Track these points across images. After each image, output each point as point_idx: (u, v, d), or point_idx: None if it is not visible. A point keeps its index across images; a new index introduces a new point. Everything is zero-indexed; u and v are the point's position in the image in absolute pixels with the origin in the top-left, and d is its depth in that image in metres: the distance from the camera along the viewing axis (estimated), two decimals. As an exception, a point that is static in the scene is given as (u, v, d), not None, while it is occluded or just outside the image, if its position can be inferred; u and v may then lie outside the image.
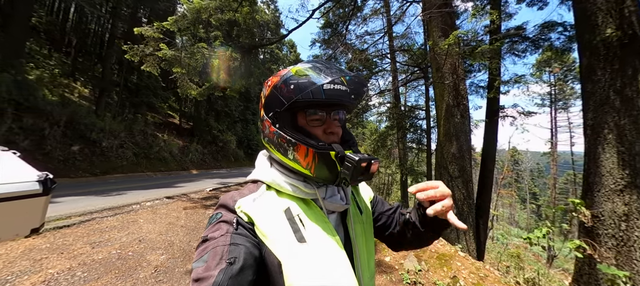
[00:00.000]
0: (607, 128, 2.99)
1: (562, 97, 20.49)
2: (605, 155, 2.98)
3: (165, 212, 5.47)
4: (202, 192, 8.11)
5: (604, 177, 2.99)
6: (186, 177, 12.29)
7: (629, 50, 3.02)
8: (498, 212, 22.86)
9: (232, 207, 0.57)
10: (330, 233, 0.57)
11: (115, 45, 14.50)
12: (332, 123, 0.60)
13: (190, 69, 6.04)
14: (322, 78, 0.54)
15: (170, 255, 3.43)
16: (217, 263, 0.46)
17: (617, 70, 3.03)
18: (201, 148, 20.03)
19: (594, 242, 2.93)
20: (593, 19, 3.23)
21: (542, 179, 41.61)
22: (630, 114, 2.92)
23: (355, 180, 0.54)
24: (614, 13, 3.12)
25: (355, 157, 0.53)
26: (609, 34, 3.08)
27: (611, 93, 2.99)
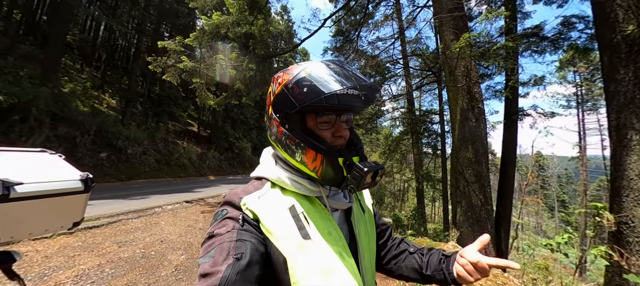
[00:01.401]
0: (633, 129, 2.84)
1: (590, 98, 19.32)
2: (631, 157, 2.82)
3: (184, 215, 5.72)
4: (219, 196, 8.37)
5: (632, 180, 2.82)
6: (204, 183, 12.73)
7: (655, 47, 2.87)
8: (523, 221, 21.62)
9: (237, 204, 0.57)
10: (335, 231, 0.57)
11: (140, 59, 15.50)
12: (341, 127, 0.60)
13: (208, 79, 6.35)
14: (337, 85, 0.53)
15: (189, 255, 3.59)
16: (225, 259, 0.46)
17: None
18: (218, 155, 20.68)
19: (624, 250, 2.75)
20: (613, 16, 3.10)
21: (571, 186, 39.01)
22: (659, 114, 2.76)
23: (361, 187, 0.54)
24: (636, 9, 2.99)
25: (364, 168, 0.53)
26: (631, 30, 2.95)
27: (636, 92, 2.85)
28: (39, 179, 1.08)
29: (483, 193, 3.98)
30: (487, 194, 4.24)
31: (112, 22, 15.59)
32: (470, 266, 0.61)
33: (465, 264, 0.62)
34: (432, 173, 11.98)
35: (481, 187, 4.08)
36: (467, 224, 4.28)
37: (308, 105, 0.55)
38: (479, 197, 4.21)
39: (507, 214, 6.49)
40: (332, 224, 0.58)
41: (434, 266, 0.69)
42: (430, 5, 6.76)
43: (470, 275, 0.61)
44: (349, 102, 0.54)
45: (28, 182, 1.02)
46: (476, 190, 4.11)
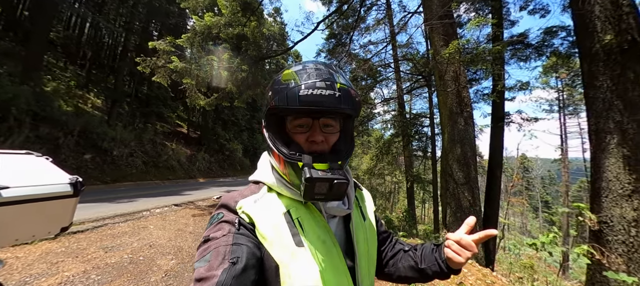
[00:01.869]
0: (611, 132, 2.99)
1: (571, 102, 20.18)
2: (610, 160, 2.98)
3: (174, 218, 5.59)
4: (209, 199, 8.23)
5: (611, 182, 2.97)
6: (193, 185, 12.48)
7: (629, 55, 3.04)
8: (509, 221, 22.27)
9: (233, 207, 0.56)
10: (330, 238, 0.56)
11: (127, 58, 15.11)
12: (316, 132, 0.56)
13: (199, 80, 6.26)
14: (302, 83, 0.52)
15: (179, 260, 3.51)
16: (220, 263, 0.45)
17: (618, 75, 3.05)
18: (208, 157, 20.34)
19: (604, 248, 2.89)
20: (592, 27, 3.27)
21: (554, 187, 40.52)
22: (634, 118, 2.92)
23: (310, 197, 0.50)
24: (613, 19, 3.17)
25: (308, 174, 0.49)
26: (608, 40, 3.12)
27: (614, 98, 3.01)
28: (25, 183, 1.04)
29: (472, 195, 4.08)
30: (475, 195, 4.36)
31: (99, 19, 15.14)
32: (455, 245, 0.62)
33: (451, 244, 0.63)
34: (423, 175, 12.17)
35: (470, 188, 4.19)
36: (456, 225, 4.38)
37: (275, 107, 0.55)
38: (468, 198, 4.32)
39: (494, 215, 6.68)
40: (327, 232, 0.56)
41: (428, 257, 0.68)
42: (421, 12, 6.93)
43: (458, 253, 0.61)
44: (317, 102, 0.51)
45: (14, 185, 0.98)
46: (465, 191, 4.22)
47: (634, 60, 3.04)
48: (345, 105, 0.54)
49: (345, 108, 0.54)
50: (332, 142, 0.59)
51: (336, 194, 0.51)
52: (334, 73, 0.56)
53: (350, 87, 0.56)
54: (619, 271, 2.66)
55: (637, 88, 3.01)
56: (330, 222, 0.61)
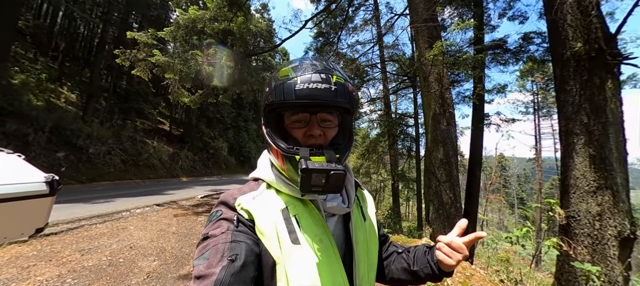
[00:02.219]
0: (579, 134, 3.22)
1: (545, 105, 21.40)
2: (578, 159, 3.20)
3: (155, 219, 5.40)
4: (193, 199, 8.02)
5: (578, 179, 3.20)
6: (176, 185, 12.10)
7: (596, 63, 3.28)
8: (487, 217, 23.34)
9: (232, 205, 0.56)
10: (327, 237, 0.55)
11: (104, 50, 14.35)
12: (313, 126, 0.56)
13: (183, 76, 6.07)
14: (298, 78, 0.52)
15: (162, 261, 3.41)
16: (219, 261, 0.45)
17: (586, 80, 3.28)
18: (192, 155, 19.77)
19: (571, 241, 3.11)
20: (564, 34, 3.50)
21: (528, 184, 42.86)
22: (600, 121, 3.16)
23: (307, 189, 0.49)
24: (582, 29, 3.40)
25: (304, 165, 0.48)
26: (578, 48, 3.35)
27: (582, 101, 3.24)
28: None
29: (453, 192, 4.25)
30: (456, 193, 4.54)
31: (73, 8, 14.26)
32: (446, 248, 0.62)
33: (442, 247, 0.63)
34: (407, 174, 12.49)
35: (451, 186, 4.36)
36: (438, 221, 4.55)
37: (272, 103, 0.55)
38: (449, 195, 4.49)
39: (474, 211, 6.98)
40: (324, 230, 0.56)
41: (420, 260, 0.68)
42: (407, 14, 7.09)
43: (449, 256, 0.61)
44: (313, 96, 0.51)
45: (-17, 185, 0.93)
46: (447, 189, 4.39)
47: (600, 68, 3.28)
48: (341, 98, 0.54)
49: (342, 102, 0.54)
50: (330, 137, 0.59)
51: (334, 186, 0.49)
52: (330, 67, 0.56)
53: (346, 81, 0.56)
54: (585, 262, 2.87)
55: (602, 93, 3.25)
56: (329, 221, 0.60)
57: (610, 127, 3.17)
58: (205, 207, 6.92)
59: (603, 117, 3.18)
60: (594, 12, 3.35)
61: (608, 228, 3.02)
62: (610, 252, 3.01)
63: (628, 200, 3.28)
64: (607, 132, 3.14)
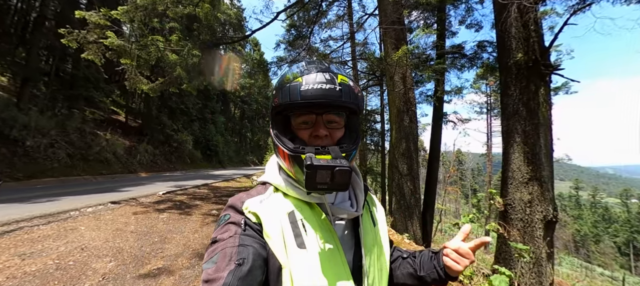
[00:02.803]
0: (516, 133, 3.71)
1: (496, 106, 23.81)
2: (514, 154, 3.69)
3: (111, 217, 4.99)
4: (154, 195, 7.52)
5: (514, 172, 3.71)
6: (134, 181, 11.17)
7: (532, 71, 3.79)
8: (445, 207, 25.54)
9: (240, 208, 0.56)
10: (334, 241, 0.55)
11: (44, 28, 12.50)
12: (319, 127, 0.56)
13: (142, 62, 5.60)
14: (303, 79, 0.53)
15: (119, 261, 3.20)
16: (227, 264, 0.46)
17: (524, 87, 3.79)
18: (152, 149, 18.35)
19: (508, 225, 3.61)
20: (509, 45, 3.97)
21: (481, 177, 47.68)
22: (533, 122, 3.68)
23: (312, 186, 0.48)
24: (523, 41, 3.88)
25: (308, 162, 0.48)
26: (519, 57, 3.83)
27: (519, 105, 3.73)
28: None
29: (413, 184, 4.62)
30: (416, 185, 4.94)
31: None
32: (454, 254, 0.63)
33: (449, 253, 0.63)
34: (374, 168, 13.09)
35: (412, 178, 4.72)
36: (399, 211, 4.92)
37: (279, 105, 0.56)
38: (410, 187, 4.87)
39: (432, 202, 7.62)
40: (331, 235, 0.55)
41: (426, 265, 0.68)
42: (377, 14, 7.35)
43: (457, 262, 0.62)
44: (318, 96, 0.52)
45: None
46: (408, 181, 4.75)
47: (535, 76, 3.80)
48: (346, 98, 0.54)
49: (347, 102, 0.55)
50: (336, 137, 0.59)
51: (339, 183, 0.49)
52: (335, 69, 0.57)
53: (351, 82, 0.56)
54: (518, 242, 3.36)
55: (536, 99, 3.78)
56: (338, 225, 0.59)
57: (540, 128, 3.70)
58: (168, 204, 6.55)
59: (535, 119, 3.70)
60: (532, 27, 3.85)
61: (536, 213, 3.56)
62: (537, 233, 3.56)
63: (552, 189, 3.89)
64: (538, 132, 3.67)
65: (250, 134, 51.65)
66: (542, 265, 3.47)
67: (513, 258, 3.57)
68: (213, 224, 5.12)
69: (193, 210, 6.15)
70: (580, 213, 50.49)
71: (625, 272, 29.76)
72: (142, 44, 5.35)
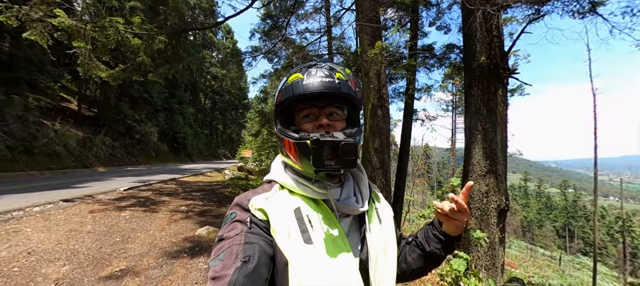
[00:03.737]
0: (477, 130, 4.04)
1: (461, 104, 25.58)
2: (475, 149, 4.02)
3: (63, 217, 4.52)
4: (115, 192, 6.94)
5: (474, 165, 4.05)
6: (90, 176, 10.19)
7: (493, 74, 4.13)
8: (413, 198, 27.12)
9: (246, 206, 0.57)
10: (340, 237, 0.55)
11: (-30, -1, 10.64)
12: (322, 117, 0.59)
13: (99, 46, 5.06)
14: (304, 75, 0.57)
15: (75, 264, 2.93)
16: (233, 262, 0.47)
17: (485, 88, 4.11)
18: (110, 141, 16.83)
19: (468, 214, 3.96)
20: (474, 48, 4.26)
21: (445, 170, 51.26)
22: (491, 120, 4.02)
23: (320, 163, 0.49)
24: (486, 45, 4.20)
25: (314, 136, 0.50)
26: (482, 60, 4.14)
27: (481, 104, 4.05)
28: None
29: (385, 177, 4.82)
30: (388, 178, 5.16)
31: None
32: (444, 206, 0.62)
33: (440, 208, 0.63)
34: (349, 161, 13.29)
35: (384, 172, 4.93)
36: (374, 204, 5.11)
37: (283, 101, 0.60)
38: (382, 180, 5.08)
39: (402, 194, 8.04)
40: (338, 231, 0.56)
41: (428, 237, 0.69)
42: (354, 10, 7.41)
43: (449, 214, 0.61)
44: (318, 87, 0.56)
45: None
46: (380, 174, 4.95)
47: (495, 78, 4.14)
48: (345, 90, 0.58)
49: (346, 94, 0.58)
50: (338, 129, 0.61)
51: (346, 160, 0.50)
52: (333, 66, 0.61)
53: (348, 79, 0.60)
54: (476, 229, 3.70)
55: (495, 99, 4.12)
56: (344, 222, 0.60)
57: (498, 126, 4.07)
58: (131, 201, 6.09)
59: (494, 118, 4.05)
60: (495, 33, 4.17)
61: (491, 203, 3.94)
62: (492, 220, 3.94)
63: (505, 181, 4.32)
64: (496, 129, 4.03)
65: (222, 126, 49.60)
66: (495, 248, 3.87)
67: (471, 244, 3.93)
68: (182, 221, 4.89)
69: (159, 206, 5.80)
70: (528, 202, 56.87)
71: (562, 252, 34.38)
72: (98, 25, 4.81)
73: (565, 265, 24.32)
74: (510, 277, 5.65)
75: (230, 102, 48.99)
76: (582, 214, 50.43)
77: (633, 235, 38.51)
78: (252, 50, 9.64)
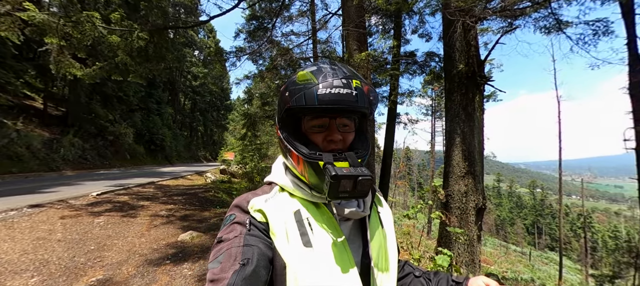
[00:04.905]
0: (456, 133, 4.26)
1: (439, 109, 26.67)
2: (455, 152, 4.24)
3: (28, 225, 4.18)
4: (87, 196, 6.51)
5: (454, 167, 4.27)
6: (56, 180, 9.48)
7: (471, 81, 4.39)
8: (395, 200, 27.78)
9: (245, 208, 0.56)
10: (341, 241, 0.54)
11: None
12: (333, 131, 0.56)
13: (74, 42, 4.76)
14: (320, 83, 0.52)
15: (45, 276, 2.73)
16: (231, 265, 0.46)
17: (464, 93, 4.36)
18: (80, 143, 15.77)
19: (448, 213, 4.15)
20: (454, 56, 4.51)
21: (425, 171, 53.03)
22: (469, 124, 4.27)
23: (335, 195, 0.48)
24: (465, 54, 4.46)
25: (333, 172, 0.48)
26: (461, 68, 4.39)
27: (459, 109, 4.29)
28: None
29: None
30: (372, 180, 5.31)
31: None
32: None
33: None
34: (334, 164, 13.37)
35: (371, 175, 5.06)
36: (359, 205, 5.22)
37: (292, 107, 0.55)
38: (369, 183, 5.22)
39: (385, 195, 8.25)
40: (338, 234, 0.54)
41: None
42: (340, 14, 7.55)
43: None
44: (335, 101, 0.51)
45: None
46: (367, 177, 5.08)
47: (472, 85, 4.40)
48: (362, 103, 0.54)
49: (363, 107, 0.54)
50: (349, 141, 0.59)
51: (361, 192, 0.49)
52: (349, 72, 0.56)
53: (365, 85, 0.56)
54: (455, 227, 3.89)
55: (472, 104, 4.38)
56: (344, 225, 0.59)
57: (475, 130, 4.32)
58: (106, 206, 5.75)
59: (472, 122, 4.30)
60: (473, 43, 4.44)
61: (470, 202, 4.16)
62: (470, 219, 4.17)
63: (482, 182, 4.58)
64: (473, 133, 4.28)
65: (203, 128, 48.03)
66: (474, 245, 4.09)
67: (452, 240, 4.13)
68: (163, 226, 4.69)
69: (138, 211, 5.53)
70: (501, 201, 60.25)
71: (531, 248, 36.73)
72: (74, 21, 4.53)
73: (535, 260, 26.03)
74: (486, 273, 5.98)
75: (211, 102, 47.61)
76: (549, 212, 54.29)
77: (593, 230, 42.02)
78: (236, 50, 9.49)
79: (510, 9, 3.77)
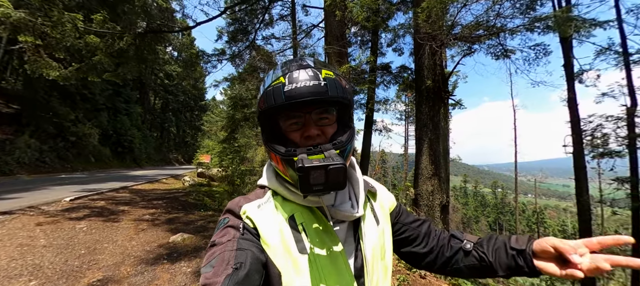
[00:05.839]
0: (424, 141, 4.91)
1: (412, 115, 28.35)
2: (423, 157, 4.88)
3: (5, 232, 4.05)
4: (60, 202, 6.23)
5: (423, 169, 4.90)
6: (12, 185, 8.73)
7: (437, 95, 5.08)
8: (371, 201, 28.88)
9: (237, 212, 0.56)
10: (335, 245, 0.54)
11: None
12: (309, 126, 0.55)
13: (53, 42, 4.66)
14: (286, 79, 0.51)
15: (43, 279, 2.79)
16: (224, 269, 0.45)
17: (431, 106, 5.03)
18: (38, 144, 14.55)
19: (418, 210, 4.77)
20: (423, 72, 5.17)
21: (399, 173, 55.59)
22: (435, 133, 4.94)
23: (308, 189, 0.47)
24: (432, 71, 5.13)
25: (300, 164, 0.47)
26: (429, 83, 5.05)
27: (427, 119, 4.95)
28: None
29: (352, 182, 5.46)
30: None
31: None
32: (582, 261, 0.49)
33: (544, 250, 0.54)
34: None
35: (351, 177, 5.57)
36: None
37: (264, 110, 0.55)
38: (349, 184, 5.72)
39: (364, 196, 8.82)
40: (333, 239, 0.54)
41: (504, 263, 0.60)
42: (322, 27, 8.02)
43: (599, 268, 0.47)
44: (303, 94, 0.50)
45: None
46: (348, 179, 5.57)
47: (438, 98, 5.08)
48: (333, 92, 0.52)
49: (334, 96, 0.52)
50: (329, 134, 0.57)
51: (334, 182, 0.47)
52: (317, 63, 0.55)
53: (337, 76, 0.55)
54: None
55: (438, 115, 5.06)
56: (339, 228, 0.58)
57: (440, 137, 5.00)
58: (84, 211, 5.59)
59: (438, 131, 4.98)
60: (438, 63, 5.13)
61: (436, 200, 4.81)
62: (436, 215, 4.81)
63: (448, 182, 5.28)
64: (439, 140, 4.96)
65: (175, 129, 45.82)
66: (439, 237, 4.74)
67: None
68: (150, 230, 4.75)
69: (119, 216, 5.47)
70: (467, 201, 64.92)
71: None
72: (55, 21, 4.45)
73: (494, 253, 28.44)
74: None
75: (185, 102, 45.63)
76: (508, 209, 59.67)
77: (545, 225, 46.90)
78: (218, 53, 9.51)
79: (467, 37, 4.49)
